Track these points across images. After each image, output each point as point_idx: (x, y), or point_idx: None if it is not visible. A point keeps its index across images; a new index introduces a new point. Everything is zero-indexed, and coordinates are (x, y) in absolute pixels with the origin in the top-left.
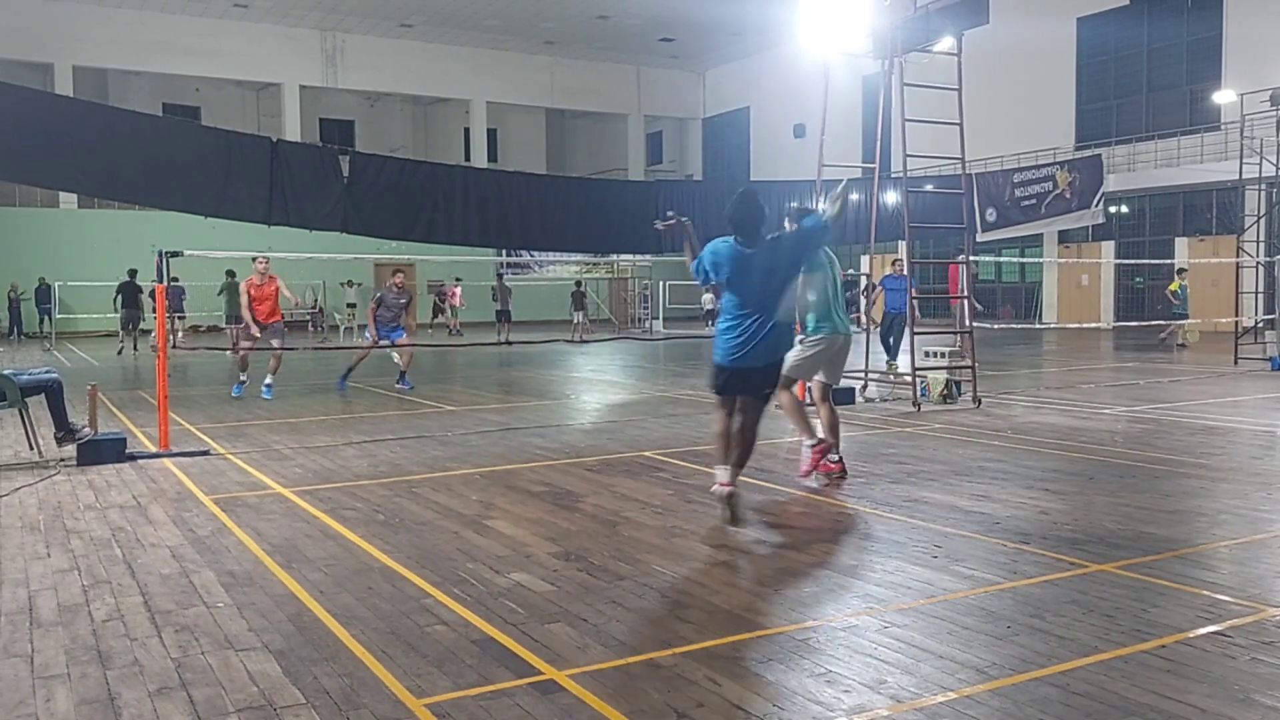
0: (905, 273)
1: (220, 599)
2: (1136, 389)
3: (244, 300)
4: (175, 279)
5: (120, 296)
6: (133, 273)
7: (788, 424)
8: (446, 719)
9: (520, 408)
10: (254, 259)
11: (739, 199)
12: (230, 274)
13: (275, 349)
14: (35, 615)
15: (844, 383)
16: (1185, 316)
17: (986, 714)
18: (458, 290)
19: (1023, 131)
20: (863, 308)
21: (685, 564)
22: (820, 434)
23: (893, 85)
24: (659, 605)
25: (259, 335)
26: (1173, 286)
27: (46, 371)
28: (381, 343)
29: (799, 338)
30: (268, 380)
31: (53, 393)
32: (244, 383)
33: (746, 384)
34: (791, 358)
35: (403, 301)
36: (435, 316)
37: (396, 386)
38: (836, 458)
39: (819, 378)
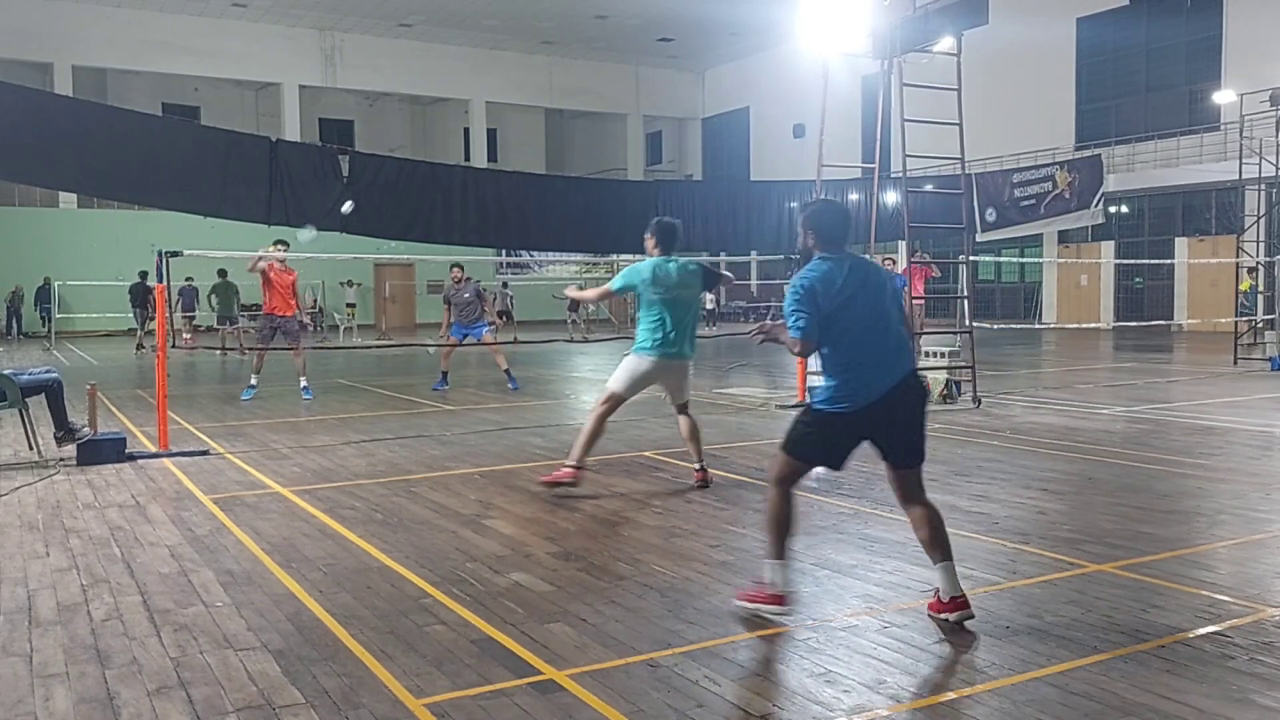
0: (902, 273)
1: (219, 598)
2: (1135, 389)
3: (263, 280)
4: (190, 279)
5: (132, 296)
6: (143, 274)
7: (787, 424)
8: (446, 719)
9: (519, 407)
10: (275, 243)
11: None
12: (222, 273)
13: (292, 349)
14: (34, 614)
15: None
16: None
17: (986, 714)
18: None
19: (1023, 131)
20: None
21: (685, 564)
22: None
23: (892, 85)
24: (659, 605)
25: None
26: (1244, 286)
27: (46, 371)
28: (467, 341)
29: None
30: (303, 382)
31: (53, 392)
32: (255, 386)
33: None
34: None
35: (466, 295)
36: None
37: (508, 389)
38: (698, 466)
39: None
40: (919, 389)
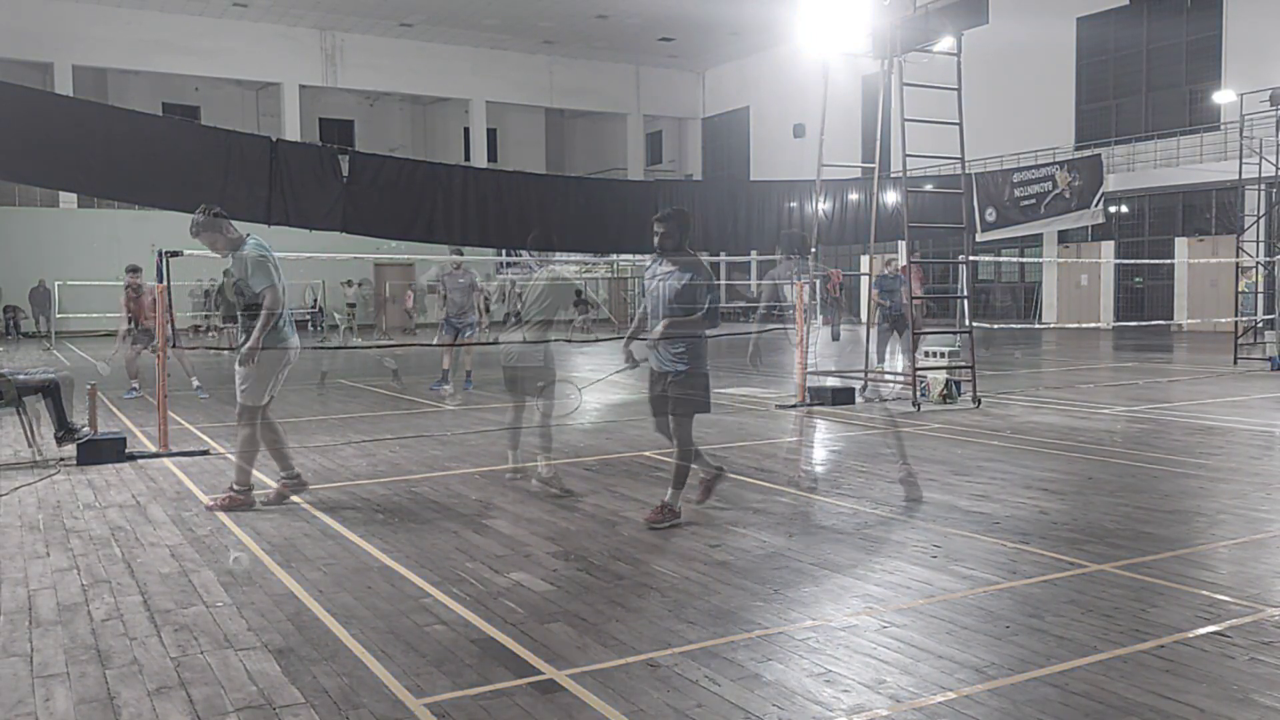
0: (901, 271)
1: (219, 598)
2: (1135, 389)
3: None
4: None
5: None
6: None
7: (787, 424)
8: (446, 719)
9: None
10: (128, 270)
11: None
12: (227, 274)
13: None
14: (34, 614)
15: (843, 382)
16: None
17: (985, 714)
18: None
19: (1023, 131)
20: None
21: (685, 564)
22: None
23: (892, 85)
24: (659, 605)
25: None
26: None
27: (46, 371)
28: (459, 341)
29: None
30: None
31: (53, 392)
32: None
33: None
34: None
35: (461, 281)
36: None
37: (464, 389)
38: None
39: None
40: None
